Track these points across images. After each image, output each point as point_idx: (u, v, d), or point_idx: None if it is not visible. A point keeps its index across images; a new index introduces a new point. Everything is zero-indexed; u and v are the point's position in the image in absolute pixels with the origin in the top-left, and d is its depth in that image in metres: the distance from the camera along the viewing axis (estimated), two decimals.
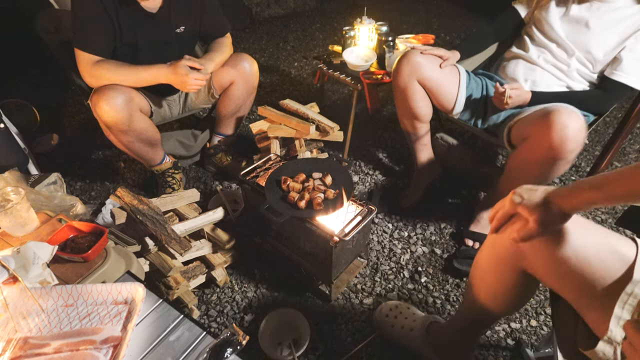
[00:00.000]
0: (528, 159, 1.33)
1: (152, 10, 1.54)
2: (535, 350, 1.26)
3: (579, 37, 1.46)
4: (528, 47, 1.57)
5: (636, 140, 2.25)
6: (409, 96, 1.56)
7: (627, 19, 1.39)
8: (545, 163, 1.26)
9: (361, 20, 1.96)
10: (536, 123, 1.27)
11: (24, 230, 1.10)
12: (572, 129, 1.18)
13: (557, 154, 1.21)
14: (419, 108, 1.59)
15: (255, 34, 3.64)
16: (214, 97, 1.87)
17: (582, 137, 1.20)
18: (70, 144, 2.26)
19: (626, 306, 0.69)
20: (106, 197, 1.87)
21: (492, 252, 0.91)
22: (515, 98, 1.40)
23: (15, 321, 0.84)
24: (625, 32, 1.39)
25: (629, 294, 0.69)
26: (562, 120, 1.18)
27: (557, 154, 1.21)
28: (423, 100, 1.58)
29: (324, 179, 1.35)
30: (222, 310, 1.43)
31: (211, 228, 1.51)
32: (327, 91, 2.64)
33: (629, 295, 0.69)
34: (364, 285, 1.50)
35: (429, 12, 3.99)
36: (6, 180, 1.39)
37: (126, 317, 0.87)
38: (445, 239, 1.69)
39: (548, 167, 1.27)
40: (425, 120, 1.66)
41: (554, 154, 1.22)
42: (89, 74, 1.50)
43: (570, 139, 1.19)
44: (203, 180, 2.01)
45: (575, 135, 1.19)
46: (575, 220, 0.76)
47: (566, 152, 1.20)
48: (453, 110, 1.58)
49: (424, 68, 1.51)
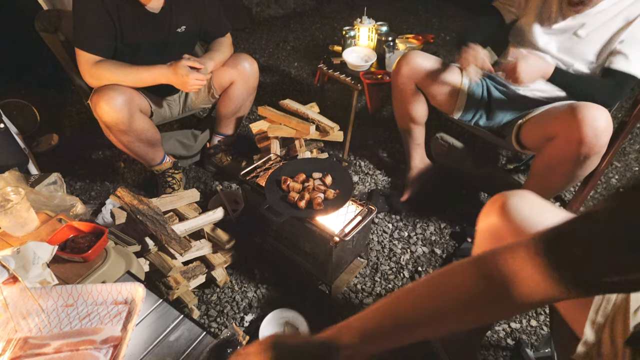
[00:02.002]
0: (557, 158, 1.29)
1: (155, 11, 1.55)
2: (535, 350, 1.26)
3: (572, 49, 1.40)
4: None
5: (636, 140, 2.25)
6: (405, 98, 1.57)
7: (615, 18, 1.33)
8: (577, 160, 1.24)
9: (361, 20, 1.97)
10: (563, 120, 1.24)
11: (24, 230, 1.10)
12: (602, 121, 1.17)
13: (591, 148, 1.19)
14: (415, 111, 1.60)
15: (255, 34, 3.64)
16: (214, 97, 1.87)
17: (611, 128, 1.19)
18: (70, 144, 2.26)
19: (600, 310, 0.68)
20: (106, 197, 1.87)
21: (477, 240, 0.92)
22: (530, 71, 1.29)
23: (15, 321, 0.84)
24: (617, 28, 1.33)
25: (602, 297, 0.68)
26: (592, 113, 1.17)
27: (591, 148, 1.19)
28: (419, 103, 1.59)
29: (324, 179, 1.35)
30: (222, 310, 1.43)
31: (211, 228, 1.51)
32: (327, 91, 2.63)
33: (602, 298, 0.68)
34: (364, 285, 1.50)
35: (429, 12, 3.99)
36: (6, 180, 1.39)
37: (126, 317, 0.87)
38: (445, 239, 1.69)
39: (580, 164, 1.25)
40: (420, 122, 1.67)
41: (588, 150, 1.20)
42: (90, 74, 1.50)
43: (603, 131, 1.18)
44: (203, 180, 2.01)
45: (607, 127, 1.18)
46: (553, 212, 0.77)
47: (600, 145, 1.19)
48: (454, 111, 1.58)
49: (423, 70, 1.51)
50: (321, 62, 2.04)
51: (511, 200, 0.80)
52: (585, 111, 1.18)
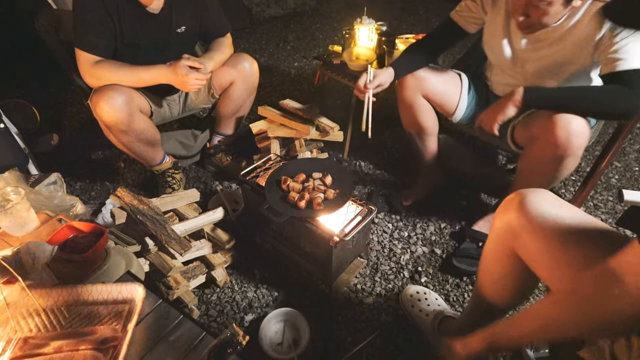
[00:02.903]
0: (538, 158, 1.32)
1: (155, 11, 1.55)
2: (535, 350, 1.26)
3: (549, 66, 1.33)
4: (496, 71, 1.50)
5: (636, 140, 2.25)
6: (415, 111, 1.57)
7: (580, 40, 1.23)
8: (554, 161, 1.26)
9: (361, 20, 1.96)
10: (541, 122, 1.27)
11: (24, 230, 1.10)
12: (576, 125, 1.18)
13: (564, 151, 1.21)
14: (426, 122, 1.60)
15: (255, 34, 3.64)
16: (214, 97, 1.87)
17: (586, 132, 1.20)
18: (70, 144, 2.26)
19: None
20: (106, 197, 1.87)
21: (491, 237, 0.95)
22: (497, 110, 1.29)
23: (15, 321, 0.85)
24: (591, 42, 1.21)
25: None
26: (566, 117, 1.19)
27: (564, 151, 1.21)
28: (429, 114, 1.59)
29: (324, 179, 1.35)
30: (222, 310, 1.43)
31: (211, 228, 1.51)
32: (327, 91, 2.63)
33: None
34: (364, 285, 1.50)
35: (429, 12, 3.99)
36: (6, 180, 1.39)
37: (126, 317, 0.87)
38: (445, 239, 1.69)
39: (558, 164, 1.27)
40: (432, 132, 1.66)
41: (562, 152, 1.22)
42: (89, 74, 1.50)
43: (575, 135, 1.19)
44: (203, 180, 2.01)
45: (580, 130, 1.19)
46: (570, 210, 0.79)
47: (573, 148, 1.21)
48: (454, 115, 1.58)
49: (428, 81, 1.51)
50: (321, 62, 2.04)
51: (530, 197, 0.83)
52: (560, 114, 1.20)
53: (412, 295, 1.40)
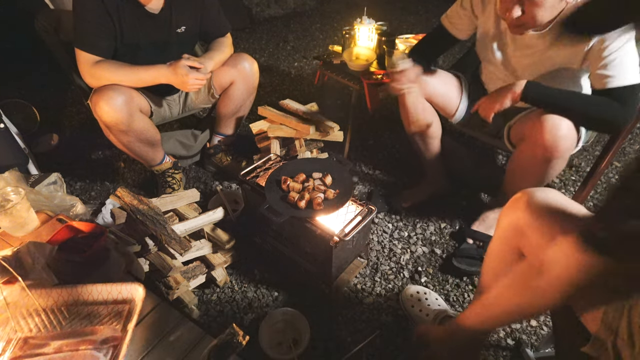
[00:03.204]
0: (527, 159, 1.33)
1: (155, 11, 1.55)
2: (535, 350, 1.26)
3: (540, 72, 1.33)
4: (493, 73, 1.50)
5: (636, 140, 2.25)
6: (419, 114, 1.56)
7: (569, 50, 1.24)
8: (542, 162, 1.28)
9: (361, 20, 1.96)
10: (530, 124, 1.28)
11: (24, 230, 1.10)
12: (562, 128, 1.19)
13: (551, 153, 1.23)
14: (429, 125, 1.60)
15: (255, 34, 3.64)
16: (214, 97, 1.87)
17: (573, 136, 1.21)
18: (70, 144, 2.26)
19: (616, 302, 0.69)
20: (106, 197, 1.87)
21: (496, 235, 0.96)
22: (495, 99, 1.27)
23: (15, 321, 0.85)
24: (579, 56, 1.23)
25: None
26: (553, 120, 1.20)
27: (551, 153, 1.23)
28: (432, 116, 1.59)
29: (324, 179, 1.35)
30: (222, 310, 1.43)
31: (211, 228, 1.51)
32: (327, 91, 2.63)
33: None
34: (364, 285, 1.50)
35: (429, 12, 3.99)
36: (6, 180, 1.39)
37: (126, 317, 0.87)
38: (445, 239, 1.69)
39: (545, 165, 1.28)
40: (436, 135, 1.65)
41: (549, 154, 1.23)
42: (89, 74, 1.50)
43: (562, 138, 1.20)
44: (203, 180, 2.01)
45: (566, 134, 1.20)
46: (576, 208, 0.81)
47: (560, 151, 1.22)
48: (454, 116, 1.59)
49: (430, 84, 1.51)
50: (321, 62, 2.04)
51: (537, 195, 0.85)
52: (548, 116, 1.20)
53: (412, 295, 1.40)
